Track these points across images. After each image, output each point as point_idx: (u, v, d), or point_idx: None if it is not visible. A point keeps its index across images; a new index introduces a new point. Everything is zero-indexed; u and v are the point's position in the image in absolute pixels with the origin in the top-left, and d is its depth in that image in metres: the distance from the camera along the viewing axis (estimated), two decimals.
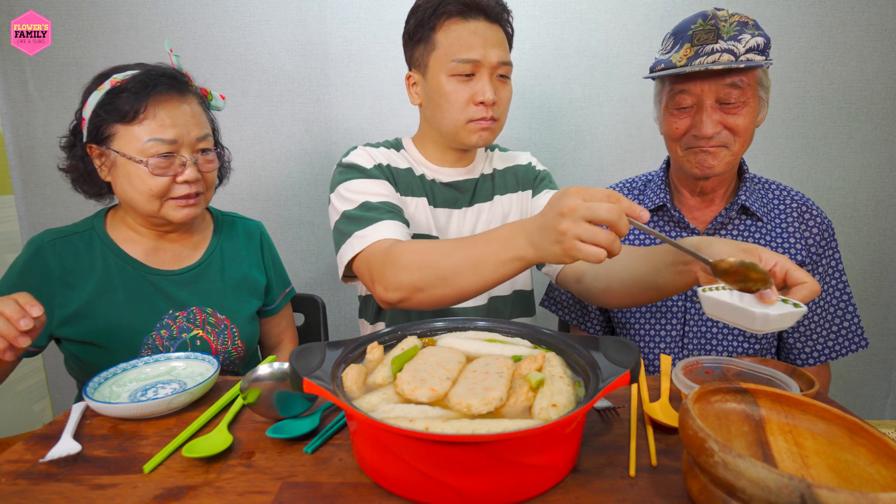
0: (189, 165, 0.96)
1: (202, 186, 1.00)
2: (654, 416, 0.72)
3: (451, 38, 1.01)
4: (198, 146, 0.98)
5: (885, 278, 1.67)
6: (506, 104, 1.07)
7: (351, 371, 0.66)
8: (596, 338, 0.70)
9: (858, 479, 0.53)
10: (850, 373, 1.73)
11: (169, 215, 0.98)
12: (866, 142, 1.60)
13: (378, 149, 1.13)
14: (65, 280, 0.97)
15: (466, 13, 1.01)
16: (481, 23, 1.01)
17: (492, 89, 1.01)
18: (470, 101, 1.02)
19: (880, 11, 1.51)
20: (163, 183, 0.94)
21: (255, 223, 1.21)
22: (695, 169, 1.03)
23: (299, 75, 1.65)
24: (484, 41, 1.00)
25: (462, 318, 0.83)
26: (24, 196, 1.71)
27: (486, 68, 1.01)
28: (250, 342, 1.11)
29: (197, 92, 1.03)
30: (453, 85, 1.02)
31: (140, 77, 0.95)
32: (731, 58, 0.94)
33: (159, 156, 0.93)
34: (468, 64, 1.00)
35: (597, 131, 1.65)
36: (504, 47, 1.05)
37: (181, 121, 0.95)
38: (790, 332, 1.12)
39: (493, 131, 1.05)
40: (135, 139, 0.93)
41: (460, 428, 0.55)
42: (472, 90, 1.01)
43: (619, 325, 1.20)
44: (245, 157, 1.71)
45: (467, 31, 1.01)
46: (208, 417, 0.76)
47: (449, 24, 1.01)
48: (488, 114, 1.02)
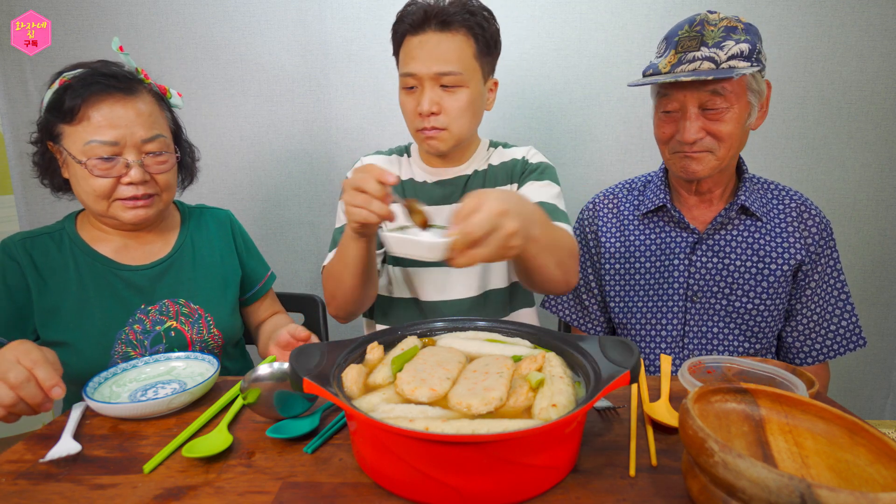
0: (134, 167, 0.93)
1: (154, 188, 0.98)
2: (654, 416, 0.73)
3: (403, 53, 1.08)
4: (145, 148, 0.95)
5: (885, 278, 1.67)
6: (456, 112, 1.06)
7: (351, 371, 0.66)
8: (596, 338, 0.70)
9: (858, 479, 0.53)
10: (850, 373, 1.73)
11: (118, 216, 0.96)
12: (866, 142, 1.60)
13: (380, 157, 1.23)
14: (38, 276, 0.96)
15: (418, 28, 1.04)
16: (431, 34, 1.03)
17: (430, 100, 1.04)
18: (416, 112, 1.07)
19: (880, 11, 1.51)
20: (105, 184, 0.93)
21: (224, 212, 1.21)
22: (680, 172, 1.06)
23: (299, 75, 1.65)
24: (427, 54, 1.03)
25: (462, 318, 0.84)
26: (24, 196, 1.71)
27: (426, 80, 1.04)
28: (229, 330, 1.10)
29: (153, 90, 1.00)
30: (403, 97, 1.09)
31: (80, 76, 0.93)
32: (712, 65, 0.95)
33: (99, 158, 0.91)
34: (409, 77, 1.06)
35: (597, 131, 1.65)
36: (451, 57, 1.03)
37: (123, 122, 0.92)
38: (789, 332, 1.12)
39: (442, 140, 1.08)
40: (77, 140, 0.91)
41: (460, 428, 0.55)
42: (417, 101, 1.06)
43: (619, 326, 1.20)
44: (245, 157, 1.71)
45: (413, 45, 1.05)
46: (208, 417, 0.76)
47: (406, 41, 1.07)
48: (429, 124, 1.06)
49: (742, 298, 1.08)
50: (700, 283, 1.10)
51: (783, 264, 1.07)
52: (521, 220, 0.72)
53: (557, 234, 0.98)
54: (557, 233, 0.98)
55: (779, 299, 1.08)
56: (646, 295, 1.15)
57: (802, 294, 1.09)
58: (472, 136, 1.16)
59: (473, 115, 1.10)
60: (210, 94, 1.66)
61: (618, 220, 1.20)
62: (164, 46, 1.63)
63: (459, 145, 1.13)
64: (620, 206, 1.21)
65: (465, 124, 1.09)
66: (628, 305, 1.17)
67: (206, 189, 1.69)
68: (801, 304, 1.10)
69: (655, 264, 1.14)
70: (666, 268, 1.13)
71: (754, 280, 1.07)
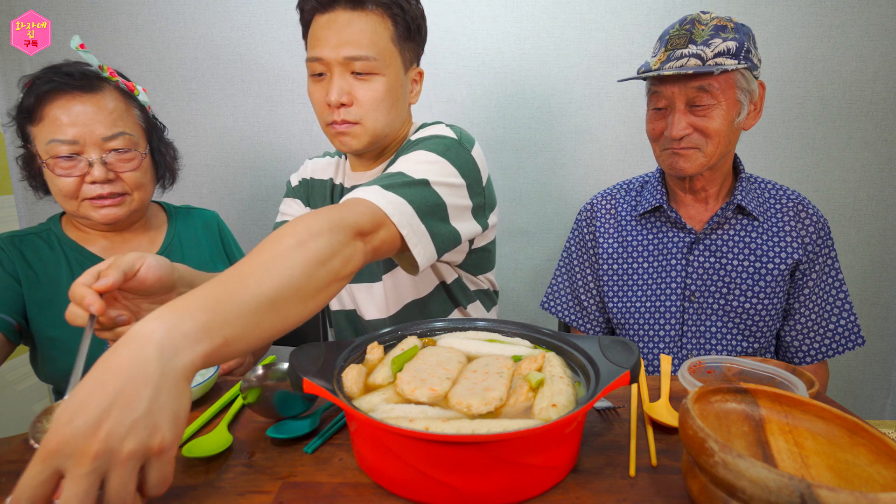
0: (96, 164, 0.92)
1: (121, 187, 0.96)
2: (654, 416, 0.73)
3: (310, 34, 0.93)
4: (107, 146, 0.94)
5: (885, 278, 1.67)
6: (370, 104, 0.92)
7: (351, 371, 0.66)
8: (596, 338, 0.70)
9: (858, 479, 0.53)
10: (849, 373, 1.73)
11: (89, 215, 0.96)
12: (866, 142, 1.60)
13: (321, 159, 1.16)
14: (29, 270, 0.96)
15: (325, 5, 0.90)
16: (340, 13, 0.89)
17: (340, 88, 0.90)
18: (324, 103, 0.93)
19: (880, 11, 1.51)
20: (70, 184, 0.92)
21: (211, 213, 1.21)
22: (668, 169, 1.07)
23: (299, 75, 1.65)
24: (336, 35, 0.89)
25: (462, 318, 0.83)
26: (24, 196, 1.71)
27: (335, 66, 0.90)
28: None
29: (120, 87, 0.99)
30: (311, 86, 0.95)
31: (38, 75, 0.93)
32: (699, 62, 0.96)
33: (59, 157, 0.91)
34: (315, 62, 0.92)
35: (597, 131, 1.65)
36: (366, 38, 0.89)
37: (81, 119, 0.91)
38: (787, 331, 1.12)
39: (355, 136, 0.94)
40: (40, 140, 0.92)
41: (460, 428, 0.55)
42: (325, 90, 0.92)
43: (617, 326, 1.20)
44: (245, 157, 1.71)
45: (319, 25, 0.91)
46: (208, 417, 0.76)
47: (315, 19, 0.92)
48: (340, 117, 0.92)
49: (740, 298, 1.08)
50: (697, 282, 1.10)
51: (780, 263, 1.07)
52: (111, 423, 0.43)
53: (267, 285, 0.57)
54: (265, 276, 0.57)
55: (776, 298, 1.08)
56: (644, 295, 1.15)
57: (800, 293, 1.09)
58: (392, 131, 0.99)
59: (391, 107, 0.95)
60: (210, 94, 1.66)
61: (615, 221, 1.20)
62: (164, 46, 1.63)
63: (377, 142, 0.98)
64: (618, 207, 1.21)
65: (382, 118, 0.94)
66: (626, 306, 1.17)
67: (206, 189, 1.69)
68: (800, 304, 1.10)
69: (653, 264, 1.14)
70: (663, 268, 1.13)
71: (752, 279, 1.07)
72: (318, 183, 1.13)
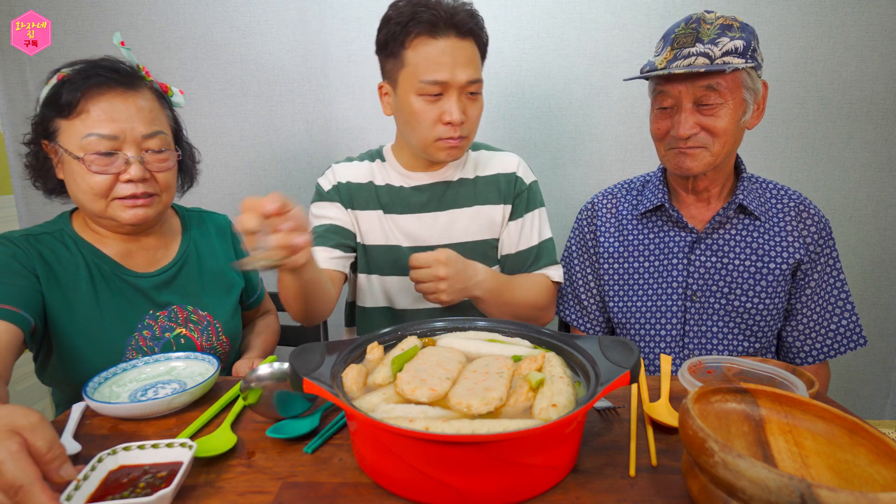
0: (134, 163, 0.90)
1: (154, 187, 0.94)
2: (654, 416, 0.73)
3: (419, 56, 1.00)
4: (145, 144, 0.92)
5: (885, 278, 1.67)
6: (475, 120, 1.07)
7: (351, 371, 0.66)
8: (596, 338, 0.70)
9: (858, 479, 0.53)
10: (850, 373, 1.73)
11: (117, 216, 0.92)
12: (866, 142, 1.60)
13: (349, 164, 1.19)
14: (47, 269, 0.92)
15: (435, 31, 0.99)
16: (451, 40, 1.00)
17: (459, 109, 1.02)
18: (438, 121, 1.03)
19: (880, 11, 1.51)
20: (104, 181, 0.89)
21: (223, 217, 1.20)
22: (674, 169, 1.06)
23: (299, 75, 1.65)
24: (453, 60, 0.99)
25: (462, 318, 0.84)
26: (24, 196, 1.71)
27: (454, 88, 1.01)
28: (234, 337, 1.10)
29: (154, 87, 0.98)
30: (421, 104, 1.02)
31: (80, 69, 0.90)
32: (707, 61, 0.96)
33: (98, 153, 0.88)
34: (436, 85, 1.00)
35: (597, 131, 1.65)
36: (474, 64, 1.04)
37: (123, 116, 0.89)
38: (789, 331, 1.12)
39: (461, 148, 1.08)
40: (75, 134, 0.88)
41: (460, 428, 0.55)
42: (441, 110, 1.02)
43: (618, 325, 1.20)
44: (245, 157, 1.71)
45: (436, 51, 0.99)
46: (208, 417, 0.76)
47: (418, 42, 1.00)
48: (456, 133, 1.03)
49: (741, 297, 1.08)
50: (699, 282, 1.10)
51: (782, 263, 1.07)
52: (454, 275, 0.96)
53: (517, 295, 1.11)
54: (517, 293, 1.11)
55: (778, 298, 1.08)
56: (645, 295, 1.15)
57: (802, 293, 1.09)
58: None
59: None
60: (210, 94, 1.66)
61: (616, 221, 1.20)
62: (164, 46, 1.63)
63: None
64: (619, 206, 1.21)
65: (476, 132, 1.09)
66: (627, 305, 1.17)
67: (206, 189, 1.69)
68: (801, 304, 1.10)
69: (654, 264, 1.14)
70: (665, 267, 1.13)
71: (753, 279, 1.07)
72: (357, 187, 1.17)
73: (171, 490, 0.55)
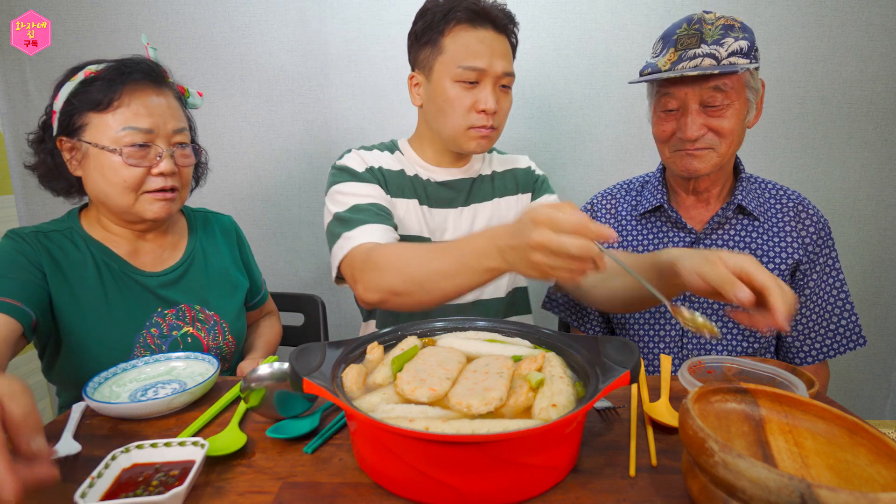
0: (165, 157, 0.93)
1: (178, 182, 0.97)
2: (655, 416, 0.73)
3: (458, 44, 1.03)
4: (174, 139, 0.96)
5: (885, 278, 1.67)
6: (505, 113, 1.09)
7: (351, 371, 0.66)
8: (596, 338, 0.70)
9: (858, 479, 0.53)
10: (849, 373, 1.73)
11: (143, 210, 0.95)
12: (866, 142, 1.60)
13: (371, 152, 1.15)
14: (55, 266, 0.92)
15: (475, 21, 1.02)
16: (489, 32, 1.03)
17: (494, 98, 1.03)
18: (472, 108, 1.04)
19: (880, 11, 1.51)
20: (137, 174, 0.92)
21: (228, 218, 1.21)
22: (681, 171, 1.05)
23: (299, 75, 1.65)
24: (491, 50, 1.02)
25: (462, 318, 0.84)
26: (24, 196, 1.71)
27: (490, 77, 1.03)
28: (240, 337, 1.10)
29: (174, 87, 1.01)
30: (457, 91, 1.04)
31: (115, 66, 0.93)
32: (713, 62, 0.96)
33: (134, 145, 0.91)
34: (473, 72, 1.02)
35: (597, 131, 1.65)
36: (509, 58, 1.06)
37: (157, 111, 0.93)
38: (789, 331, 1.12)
39: (491, 139, 1.08)
40: (108, 128, 0.90)
41: (460, 428, 0.55)
42: (475, 98, 1.03)
43: (618, 326, 1.20)
44: (245, 157, 1.71)
45: (475, 39, 1.02)
46: (208, 418, 0.76)
47: (458, 30, 1.03)
48: (488, 122, 1.04)
49: None
50: None
51: (781, 263, 1.07)
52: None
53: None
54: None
55: None
56: None
57: (801, 293, 1.09)
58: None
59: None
60: (210, 94, 1.66)
61: (616, 221, 1.20)
62: (164, 46, 1.63)
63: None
64: (618, 207, 1.21)
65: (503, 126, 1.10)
66: None
67: (206, 189, 1.67)
68: (801, 304, 1.10)
69: None
70: None
71: None
72: (390, 174, 1.13)
73: (185, 488, 0.56)
